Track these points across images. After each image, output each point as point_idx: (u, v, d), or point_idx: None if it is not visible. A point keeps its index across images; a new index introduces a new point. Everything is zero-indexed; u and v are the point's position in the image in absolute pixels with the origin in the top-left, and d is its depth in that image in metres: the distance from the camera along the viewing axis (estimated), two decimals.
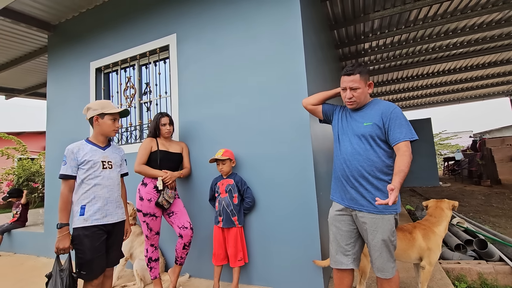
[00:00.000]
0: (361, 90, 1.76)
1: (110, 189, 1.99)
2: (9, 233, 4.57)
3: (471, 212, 5.60)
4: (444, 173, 14.69)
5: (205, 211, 2.94)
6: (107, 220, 1.94)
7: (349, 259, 1.79)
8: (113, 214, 1.99)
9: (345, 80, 1.77)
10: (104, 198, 1.95)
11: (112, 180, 2.02)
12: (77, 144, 1.98)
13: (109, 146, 2.13)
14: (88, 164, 1.93)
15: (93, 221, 1.88)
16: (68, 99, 4.20)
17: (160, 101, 3.51)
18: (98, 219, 1.90)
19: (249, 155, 2.78)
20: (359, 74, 1.74)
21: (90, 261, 1.85)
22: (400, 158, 1.59)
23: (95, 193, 1.92)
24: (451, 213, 2.21)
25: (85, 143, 2.02)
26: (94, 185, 1.92)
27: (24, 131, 12.02)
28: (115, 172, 2.07)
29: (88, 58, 3.99)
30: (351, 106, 1.83)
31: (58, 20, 4.32)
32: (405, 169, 1.54)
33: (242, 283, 2.69)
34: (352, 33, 5.20)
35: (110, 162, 2.04)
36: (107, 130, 2.06)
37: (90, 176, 1.93)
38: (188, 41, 3.20)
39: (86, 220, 1.87)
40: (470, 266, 2.81)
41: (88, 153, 1.95)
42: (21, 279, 3.27)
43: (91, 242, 1.85)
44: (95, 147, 2.02)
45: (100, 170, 1.96)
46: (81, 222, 1.87)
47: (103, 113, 2.03)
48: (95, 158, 1.96)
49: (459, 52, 6.28)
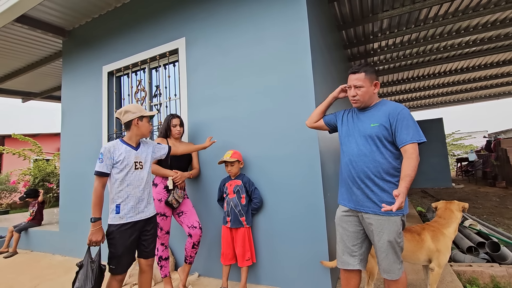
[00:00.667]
0: (365, 89, 1.76)
1: (142, 188, 2.11)
2: (26, 231, 4.74)
3: (484, 214, 5.46)
4: (457, 174, 14.35)
5: (213, 211, 2.99)
6: (140, 216, 2.08)
7: (356, 260, 1.79)
8: (144, 211, 2.12)
9: (350, 79, 1.81)
10: (136, 197, 2.07)
11: (143, 179, 2.13)
12: (113, 143, 2.09)
13: (140, 145, 2.23)
14: (123, 164, 2.04)
15: (128, 218, 2.02)
16: (81, 101, 4.33)
17: (170, 103, 3.58)
18: (132, 216, 2.03)
19: (257, 156, 2.81)
20: (364, 73, 1.75)
21: (120, 256, 1.98)
22: (407, 162, 1.58)
23: (128, 192, 2.04)
24: (461, 215, 2.18)
25: (120, 143, 2.12)
26: (127, 185, 2.04)
27: (39, 132, 12.40)
28: (145, 171, 2.17)
29: (101, 62, 4.11)
30: (355, 105, 1.84)
31: (72, 26, 4.46)
32: (412, 173, 1.54)
33: (250, 283, 2.72)
34: (360, 33, 5.16)
35: (141, 163, 2.15)
36: (145, 132, 2.20)
37: (124, 176, 2.04)
38: (197, 44, 3.26)
39: (122, 218, 2.01)
40: (482, 269, 2.76)
41: (123, 153, 2.06)
42: (37, 276, 3.40)
43: (123, 238, 1.98)
44: (129, 147, 2.13)
45: (132, 171, 2.08)
46: (117, 219, 2.00)
47: (142, 116, 2.16)
48: (129, 159, 2.07)
49: (471, 50, 6.14)
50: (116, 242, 1.97)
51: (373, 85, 1.79)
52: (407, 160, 1.58)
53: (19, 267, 3.81)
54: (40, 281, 3.22)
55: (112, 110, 4.01)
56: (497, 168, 9.72)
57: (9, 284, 3.19)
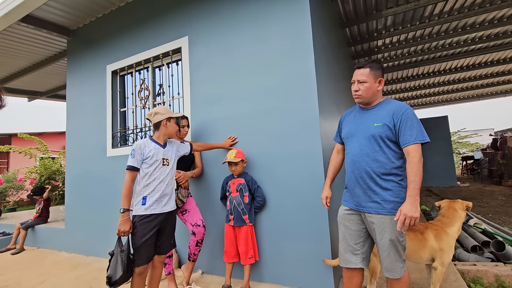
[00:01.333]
0: (369, 84, 1.75)
1: (167, 183, 2.25)
2: (32, 228, 4.81)
3: (490, 213, 5.41)
4: (463, 173, 14.21)
5: (216, 209, 3.00)
6: (162, 210, 2.19)
7: (358, 258, 1.79)
8: (167, 205, 2.23)
9: (355, 73, 1.81)
10: (161, 191, 2.20)
11: (169, 175, 2.28)
12: (144, 141, 2.25)
13: (167, 145, 2.36)
14: (152, 159, 2.18)
15: (151, 210, 2.13)
16: (86, 100, 4.37)
17: (173, 102, 3.60)
18: (155, 209, 2.15)
19: (260, 154, 2.81)
20: (370, 68, 1.75)
21: (139, 248, 2.07)
22: (409, 166, 1.60)
23: (155, 186, 2.17)
24: (465, 214, 2.17)
25: (150, 141, 2.28)
26: (155, 179, 2.18)
27: (45, 131, 12.54)
28: (170, 168, 2.31)
29: (105, 61, 4.14)
30: (357, 100, 1.83)
31: (76, 25, 4.49)
32: (415, 178, 1.56)
33: (253, 280, 2.73)
34: (364, 31, 5.12)
35: (167, 160, 2.29)
36: (172, 132, 2.35)
37: (152, 171, 2.18)
38: (200, 43, 3.27)
39: (146, 209, 2.12)
40: (486, 268, 2.74)
41: (152, 150, 2.21)
42: (44, 272, 3.45)
43: (143, 230, 2.08)
44: (158, 145, 2.27)
45: (160, 167, 2.22)
46: (142, 211, 2.11)
47: (170, 117, 2.31)
48: (158, 156, 2.22)
49: (478, 47, 6.06)
50: (138, 233, 2.07)
51: (378, 82, 1.77)
52: (409, 165, 1.60)
53: (26, 264, 3.88)
54: (47, 277, 3.27)
55: (116, 109, 4.04)
56: (503, 166, 9.60)
57: (17, 280, 3.25)
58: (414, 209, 1.51)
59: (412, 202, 1.53)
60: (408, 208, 1.52)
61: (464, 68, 7.43)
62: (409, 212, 1.51)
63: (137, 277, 2.09)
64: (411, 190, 1.55)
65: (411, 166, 1.58)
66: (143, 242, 2.07)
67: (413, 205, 1.52)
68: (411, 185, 1.56)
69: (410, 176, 1.58)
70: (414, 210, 1.51)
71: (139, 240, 2.06)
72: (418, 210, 1.52)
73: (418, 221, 1.53)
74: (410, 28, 4.92)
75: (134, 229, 2.08)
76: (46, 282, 3.14)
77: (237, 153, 2.67)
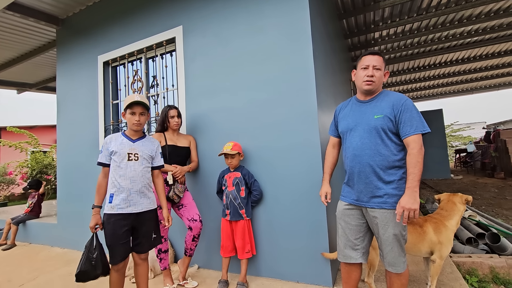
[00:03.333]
0: (381, 72, 1.72)
1: (133, 180, 2.05)
2: (24, 224, 4.71)
3: (483, 205, 5.48)
4: (456, 165, 14.41)
5: (213, 203, 2.96)
6: (131, 209, 2.02)
7: (358, 253, 1.77)
8: (137, 205, 2.05)
9: (369, 59, 1.72)
10: (128, 189, 2.03)
11: (135, 172, 2.07)
12: (113, 135, 2.13)
13: (141, 139, 2.17)
14: (116, 155, 2.04)
15: (118, 209, 2.00)
16: (77, 92, 4.24)
17: (167, 94, 3.51)
18: (122, 208, 2.00)
19: (257, 147, 2.76)
20: (382, 58, 1.73)
21: (110, 246, 1.98)
22: (409, 158, 1.59)
23: (120, 183, 2.02)
24: (464, 208, 2.16)
25: (120, 135, 2.14)
26: (120, 176, 2.03)
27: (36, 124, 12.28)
28: (140, 164, 2.10)
29: (96, 51, 4.01)
30: (368, 87, 1.72)
31: (66, 14, 4.33)
32: (414, 169, 1.55)
33: (250, 275, 2.71)
34: (361, 22, 5.05)
35: (136, 155, 2.09)
36: (129, 124, 2.14)
37: (117, 167, 2.04)
38: (194, 33, 3.17)
39: (113, 207, 2.00)
40: (481, 260, 2.76)
41: (117, 145, 2.07)
42: (36, 268, 3.38)
43: (113, 229, 1.98)
44: (126, 139, 2.12)
45: (125, 162, 2.05)
46: (109, 209, 2.01)
47: (125, 108, 2.11)
48: (122, 150, 2.05)
49: (473, 40, 6.05)
50: (107, 232, 1.98)
51: (385, 73, 1.77)
52: (408, 157, 1.59)
53: (18, 260, 3.80)
54: (39, 273, 3.21)
55: (108, 101, 3.93)
56: (495, 159, 9.75)
57: (7, 277, 3.18)
58: (413, 200, 1.51)
59: (410, 194, 1.52)
60: (406, 200, 1.52)
61: (459, 61, 7.45)
62: (407, 204, 1.51)
63: (114, 273, 2.02)
64: (410, 182, 1.55)
65: (410, 158, 1.58)
66: (113, 241, 1.97)
67: (411, 197, 1.51)
68: (410, 176, 1.55)
69: (409, 167, 1.57)
70: (412, 202, 1.51)
71: (108, 239, 1.97)
72: (417, 202, 1.51)
73: (418, 212, 1.52)
74: (407, 20, 4.87)
75: (105, 229, 1.99)
76: (38, 279, 3.07)
77: (234, 145, 2.61)
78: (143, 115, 2.13)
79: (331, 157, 2.03)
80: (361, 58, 1.77)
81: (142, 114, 2.12)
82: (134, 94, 2.14)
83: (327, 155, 2.05)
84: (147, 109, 2.15)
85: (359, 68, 1.77)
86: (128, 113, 2.10)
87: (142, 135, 2.21)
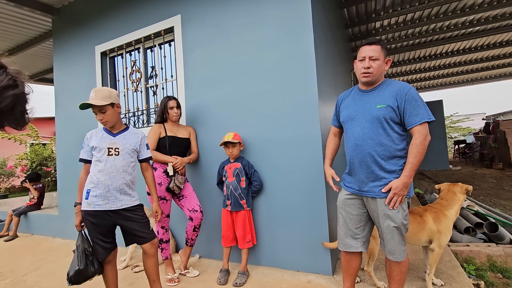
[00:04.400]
0: (380, 62, 1.67)
1: (113, 176, 1.94)
2: (25, 215, 4.74)
3: (481, 195, 5.53)
4: (455, 156, 14.47)
5: (213, 194, 2.97)
6: (109, 206, 1.92)
7: (359, 243, 1.79)
8: (115, 201, 1.94)
9: (365, 50, 1.68)
10: (106, 185, 1.92)
11: (115, 167, 1.96)
12: (93, 130, 2.07)
13: (123, 132, 2.07)
14: (96, 150, 1.97)
15: (95, 206, 1.90)
16: (75, 84, 4.20)
17: (166, 85, 3.47)
18: (100, 205, 1.91)
19: (257, 138, 2.76)
20: (380, 46, 1.68)
21: (92, 242, 1.94)
22: (411, 147, 1.60)
23: (98, 179, 1.93)
24: (464, 197, 2.17)
25: (101, 129, 2.05)
26: (99, 171, 1.94)
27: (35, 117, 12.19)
28: (121, 159, 1.99)
29: (93, 42, 3.95)
30: (366, 79, 1.70)
31: (61, 3, 4.24)
32: (413, 160, 1.57)
33: (250, 264, 2.75)
34: (362, 12, 4.97)
35: (117, 149, 1.98)
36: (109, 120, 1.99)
37: (97, 162, 1.97)
38: (193, 22, 3.12)
39: (90, 204, 1.90)
40: (479, 248, 2.80)
41: (98, 140, 1.98)
42: (39, 259, 3.41)
43: (92, 225, 1.91)
44: (107, 133, 2.03)
45: (105, 157, 1.95)
46: (85, 205, 1.92)
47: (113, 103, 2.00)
48: (102, 145, 1.96)
49: (475, 30, 5.97)
50: (87, 228, 1.94)
51: (386, 61, 1.72)
52: (411, 146, 1.61)
53: (20, 250, 3.83)
54: (42, 264, 3.24)
55: None
56: (494, 150, 9.79)
57: (11, 267, 3.21)
58: (402, 187, 1.58)
59: (403, 180, 1.58)
60: (397, 184, 1.59)
61: (460, 52, 7.38)
62: (396, 188, 1.59)
63: (107, 265, 2.00)
64: (406, 171, 1.59)
65: (412, 147, 1.59)
66: (94, 237, 1.92)
67: (401, 182, 1.58)
68: (408, 165, 1.59)
69: (409, 156, 1.60)
70: (402, 188, 1.58)
71: (90, 235, 1.93)
72: (407, 189, 1.59)
73: (404, 199, 1.61)
74: (409, 10, 4.80)
75: (85, 226, 1.95)
76: (41, 269, 3.10)
77: (235, 135, 2.60)
78: (104, 112, 1.94)
79: (332, 143, 2.03)
80: (359, 49, 1.74)
81: (102, 111, 1.94)
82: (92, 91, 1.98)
83: (329, 142, 2.05)
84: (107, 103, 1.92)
85: (358, 60, 1.75)
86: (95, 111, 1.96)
87: (124, 128, 2.09)
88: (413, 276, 2.34)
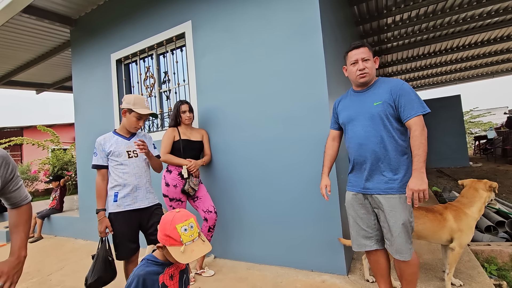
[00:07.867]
0: (371, 62, 1.75)
1: (138, 176, 2.09)
2: (48, 218, 4.97)
3: (504, 192, 5.31)
4: (475, 153, 13.94)
5: (227, 195, 3.02)
6: (138, 205, 2.06)
7: (372, 241, 1.78)
8: (143, 200, 2.09)
9: (355, 53, 1.75)
10: (133, 185, 2.06)
11: (139, 168, 2.11)
12: (104, 136, 2.13)
13: (134, 136, 2.20)
14: (114, 154, 2.05)
15: (125, 207, 2.02)
16: (92, 91, 4.37)
17: (179, 89, 3.56)
18: (129, 205, 2.03)
19: (268, 139, 2.78)
20: (367, 47, 1.75)
21: (118, 244, 2.02)
22: (412, 140, 1.59)
23: (125, 180, 2.04)
24: (489, 194, 2.07)
25: (112, 134, 2.14)
26: (123, 173, 2.05)
27: (55, 123, 12.73)
28: (142, 159, 2.15)
29: (109, 50, 4.10)
30: (363, 79, 1.74)
31: (78, 14, 4.43)
32: (418, 151, 1.55)
33: (264, 263, 2.77)
34: (373, 8, 4.89)
35: (135, 151, 2.11)
36: (129, 126, 2.13)
37: (118, 165, 2.05)
38: (203, 27, 3.18)
39: (119, 206, 2.02)
40: (501, 248, 2.71)
41: (113, 144, 2.07)
42: (63, 259, 3.58)
43: (120, 226, 2.01)
44: (121, 138, 2.13)
45: (126, 159, 2.07)
46: (115, 208, 2.03)
47: (132, 109, 2.09)
48: (120, 149, 2.07)
49: (493, 21, 5.75)
50: (115, 231, 2.00)
51: (374, 60, 1.78)
52: (412, 139, 1.60)
53: (45, 251, 4.02)
54: (66, 264, 3.39)
55: None
56: None
57: (37, 267, 3.38)
58: (420, 182, 1.51)
59: (417, 176, 1.53)
60: (414, 182, 1.53)
61: (478, 44, 7.10)
62: (415, 186, 1.52)
63: (128, 264, 2.07)
64: (416, 164, 1.55)
65: (413, 140, 1.58)
66: (122, 238, 2.00)
67: (418, 178, 1.52)
68: (415, 158, 1.56)
69: (413, 149, 1.58)
70: (421, 183, 1.51)
71: (117, 237, 2.00)
72: (425, 182, 1.52)
73: (427, 193, 1.52)
74: (421, 4, 4.68)
75: (112, 228, 2.00)
76: (65, 268, 3.25)
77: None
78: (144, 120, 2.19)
79: (331, 150, 2.02)
80: (347, 55, 1.80)
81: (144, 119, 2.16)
82: (143, 99, 2.14)
83: (327, 148, 2.03)
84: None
85: (349, 64, 1.80)
86: (134, 115, 2.09)
87: (134, 133, 2.23)
88: (431, 276, 2.29)
